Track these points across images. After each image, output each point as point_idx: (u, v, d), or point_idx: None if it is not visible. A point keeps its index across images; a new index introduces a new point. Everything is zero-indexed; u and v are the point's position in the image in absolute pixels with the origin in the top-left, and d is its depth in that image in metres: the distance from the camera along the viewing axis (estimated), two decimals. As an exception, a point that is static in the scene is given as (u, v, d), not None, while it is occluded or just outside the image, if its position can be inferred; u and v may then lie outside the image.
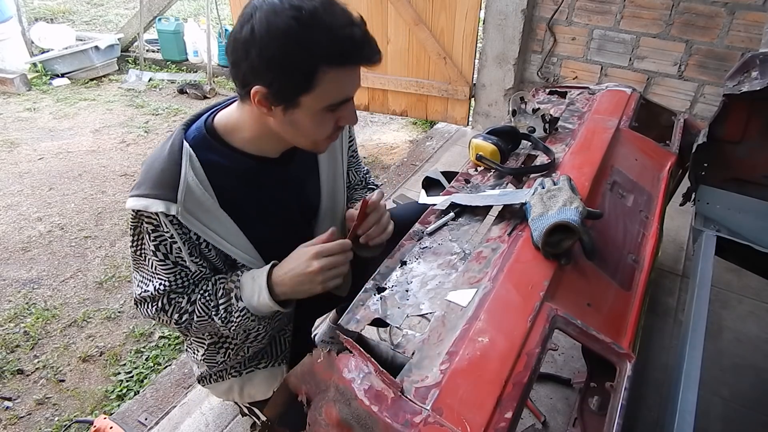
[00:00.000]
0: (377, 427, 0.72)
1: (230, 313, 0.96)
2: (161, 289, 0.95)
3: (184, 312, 0.98)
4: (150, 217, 0.89)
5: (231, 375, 1.15)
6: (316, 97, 0.83)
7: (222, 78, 4.55)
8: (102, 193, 2.88)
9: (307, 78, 0.80)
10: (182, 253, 0.93)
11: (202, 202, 0.91)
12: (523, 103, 1.48)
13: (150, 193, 0.87)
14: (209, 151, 0.93)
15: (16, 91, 4.15)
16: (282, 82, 0.81)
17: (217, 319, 0.97)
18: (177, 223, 0.89)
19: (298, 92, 0.82)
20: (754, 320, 1.88)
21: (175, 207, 0.87)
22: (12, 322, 2.02)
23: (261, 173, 0.99)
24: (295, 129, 0.89)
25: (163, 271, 0.95)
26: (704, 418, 1.53)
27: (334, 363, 0.82)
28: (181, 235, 0.91)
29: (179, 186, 0.87)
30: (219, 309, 0.97)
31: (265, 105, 0.84)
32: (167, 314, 0.98)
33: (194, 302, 0.98)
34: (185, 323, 0.99)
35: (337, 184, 1.16)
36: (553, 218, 0.95)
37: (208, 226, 0.92)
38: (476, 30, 3.01)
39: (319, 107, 0.85)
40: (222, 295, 0.97)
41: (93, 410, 1.69)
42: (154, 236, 0.91)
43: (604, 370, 0.87)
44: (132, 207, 0.89)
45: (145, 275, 0.97)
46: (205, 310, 0.97)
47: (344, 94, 0.86)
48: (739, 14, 2.38)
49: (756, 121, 1.45)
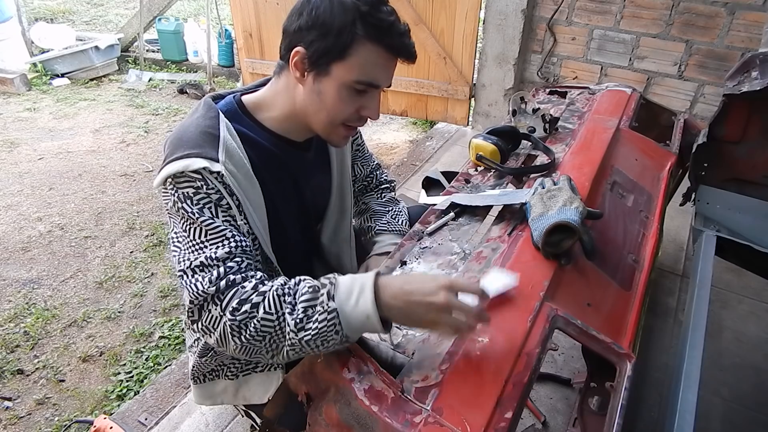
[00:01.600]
0: (377, 427, 0.72)
1: (311, 315, 0.75)
2: (218, 255, 0.79)
3: (246, 301, 0.76)
4: (189, 178, 0.81)
5: (227, 376, 1.15)
6: (347, 67, 0.85)
7: (222, 78, 4.55)
8: (102, 193, 2.88)
9: (343, 44, 0.84)
10: (231, 211, 0.84)
11: (241, 166, 0.89)
12: (523, 103, 1.48)
13: (191, 152, 0.82)
14: (240, 124, 0.94)
15: (16, 91, 4.15)
16: (320, 44, 0.84)
17: (291, 319, 0.75)
18: (221, 182, 0.84)
19: (332, 58, 0.85)
20: (754, 320, 1.88)
21: (218, 165, 0.83)
22: (12, 322, 2.02)
23: (286, 154, 1.00)
24: (320, 101, 0.90)
25: (214, 235, 0.80)
26: (704, 418, 1.53)
27: (334, 363, 0.82)
28: (229, 194, 0.85)
29: (219, 146, 0.86)
30: (297, 306, 0.76)
31: (300, 69, 0.87)
32: (222, 300, 0.77)
33: (263, 293, 0.77)
34: (243, 317, 0.76)
35: (345, 181, 1.17)
36: (553, 218, 0.95)
37: (245, 192, 0.88)
38: (476, 30, 3.01)
39: (348, 80, 0.86)
40: (306, 292, 0.77)
41: (93, 410, 1.69)
42: (197, 199, 0.81)
43: (604, 370, 0.87)
44: (169, 172, 0.80)
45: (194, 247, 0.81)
46: (278, 306, 0.76)
47: (373, 75, 0.88)
48: (739, 14, 2.38)
49: (756, 121, 1.45)
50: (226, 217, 0.84)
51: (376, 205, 1.32)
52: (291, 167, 1.03)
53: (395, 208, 1.31)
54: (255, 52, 3.69)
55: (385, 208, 1.30)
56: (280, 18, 3.45)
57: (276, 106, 0.96)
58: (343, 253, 1.23)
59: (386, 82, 0.91)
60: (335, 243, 1.20)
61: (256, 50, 3.68)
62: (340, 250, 1.22)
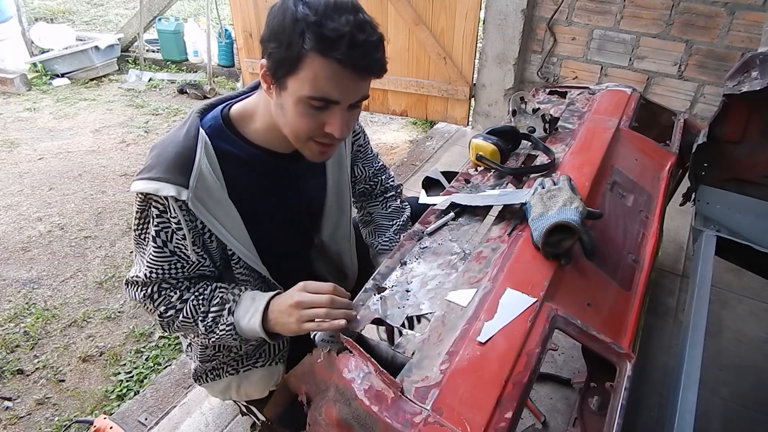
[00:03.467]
0: (377, 427, 0.73)
1: (217, 324, 0.95)
2: (152, 277, 0.94)
3: (171, 307, 0.96)
4: (158, 200, 0.88)
5: (228, 373, 1.15)
6: (299, 81, 0.81)
7: (222, 78, 4.55)
8: (102, 193, 2.89)
9: (293, 57, 0.80)
10: (185, 242, 0.92)
11: (213, 191, 0.90)
12: (523, 103, 1.48)
13: (162, 176, 0.86)
14: (224, 141, 0.94)
15: (16, 91, 4.15)
16: (274, 57, 0.82)
17: (202, 325, 0.95)
18: (185, 209, 0.88)
19: (286, 71, 0.82)
20: (754, 320, 1.88)
21: (186, 192, 0.86)
22: (12, 322, 2.02)
23: (272, 167, 1.00)
24: (283, 115, 0.88)
25: (157, 259, 0.93)
26: (704, 418, 1.53)
27: (334, 363, 0.82)
28: (187, 222, 0.90)
29: (192, 172, 0.87)
30: (208, 316, 0.95)
31: (266, 81, 0.87)
32: (153, 304, 0.97)
33: (185, 301, 0.96)
34: (169, 318, 0.97)
35: (342, 180, 1.16)
36: (553, 218, 0.95)
37: (215, 216, 0.92)
38: (476, 30, 3.01)
39: (301, 95, 0.82)
40: (216, 304, 0.95)
41: (93, 410, 1.69)
42: (157, 221, 0.90)
43: (604, 370, 0.87)
44: (141, 189, 0.87)
45: (142, 258, 0.96)
46: (194, 313, 0.95)
47: (326, 90, 0.82)
48: (739, 14, 2.38)
49: (756, 121, 1.45)
50: (177, 245, 0.93)
51: (380, 217, 1.32)
52: (278, 180, 1.02)
53: (399, 220, 1.30)
54: (255, 52, 3.69)
55: (389, 221, 1.30)
56: (280, 18, 3.46)
57: (258, 117, 0.96)
58: (343, 251, 1.23)
59: (346, 98, 0.84)
60: (335, 241, 1.20)
61: (256, 50, 3.67)
62: (340, 248, 1.22)
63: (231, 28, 4.27)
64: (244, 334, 0.94)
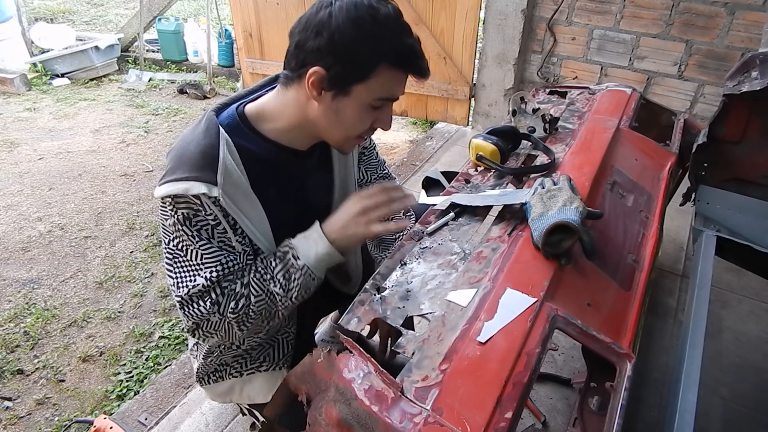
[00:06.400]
0: (377, 427, 0.72)
1: (289, 278, 0.93)
2: (213, 278, 0.89)
3: (240, 297, 0.91)
4: (189, 201, 0.86)
5: (231, 375, 1.15)
6: (368, 88, 0.87)
7: (222, 78, 4.55)
8: (102, 193, 2.89)
9: (366, 69, 0.86)
10: (227, 234, 0.91)
11: (239, 185, 0.91)
12: (523, 103, 1.48)
13: (190, 175, 0.85)
14: (241, 137, 0.94)
15: (16, 91, 4.15)
16: (342, 67, 0.85)
17: (278, 289, 0.93)
18: (218, 205, 0.88)
19: (353, 80, 0.86)
20: (754, 320, 1.88)
21: (216, 189, 0.86)
22: (12, 322, 2.02)
23: (288, 164, 1.01)
24: (337, 118, 0.91)
25: (210, 259, 0.90)
26: (704, 418, 1.53)
27: (334, 363, 0.82)
28: (223, 216, 0.90)
29: (218, 168, 0.87)
30: (276, 277, 0.93)
31: (317, 88, 0.87)
32: (221, 307, 0.91)
33: (248, 284, 0.92)
34: (243, 309, 0.91)
35: (349, 180, 1.16)
36: (553, 218, 0.95)
37: (243, 211, 0.92)
38: (476, 30, 3.01)
39: (367, 100, 0.89)
40: (276, 264, 0.93)
41: (93, 410, 1.69)
42: (195, 221, 0.88)
43: (604, 370, 0.87)
44: (169, 192, 0.85)
45: (189, 269, 0.91)
46: (262, 285, 0.92)
47: (392, 92, 0.91)
48: (739, 14, 2.38)
49: (756, 121, 1.45)
50: (222, 239, 0.91)
51: None
52: (293, 175, 1.03)
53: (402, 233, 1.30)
54: (255, 52, 3.69)
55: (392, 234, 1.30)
56: (280, 18, 3.46)
57: (282, 118, 0.95)
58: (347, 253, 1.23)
59: (401, 94, 0.95)
60: None
61: (256, 50, 3.68)
62: None
63: (231, 28, 4.27)
64: (318, 266, 0.95)
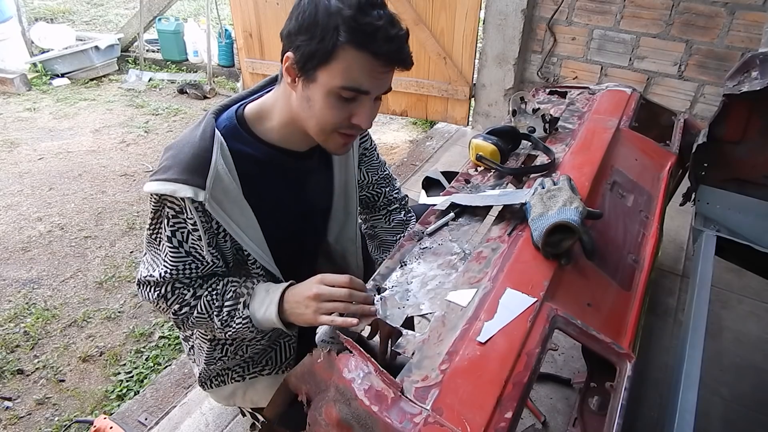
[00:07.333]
0: (377, 427, 0.72)
1: (232, 318, 0.95)
2: (167, 276, 0.94)
3: (185, 304, 0.96)
4: (174, 202, 0.88)
5: (234, 379, 1.15)
6: (331, 73, 0.83)
7: (222, 78, 4.55)
8: (102, 193, 2.89)
9: (326, 49, 0.81)
10: (200, 242, 0.92)
11: (229, 191, 0.91)
12: (523, 103, 1.48)
13: (179, 177, 0.86)
14: (238, 141, 0.94)
15: (16, 91, 4.15)
16: (306, 48, 0.83)
17: (218, 320, 0.96)
18: (201, 210, 0.89)
19: (317, 63, 0.83)
20: (754, 320, 1.88)
21: (203, 194, 0.86)
22: (12, 322, 2.02)
23: (286, 165, 1.01)
24: (309, 107, 0.89)
25: (172, 259, 0.93)
26: (704, 418, 1.53)
27: (334, 363, 0.82)
28: (203, 222, 0.90)
29: (209, 173, 0.87)
30: (222, 311, 0.95)
31: (291, 74, 0.87)
32: (167, 303, 0.97)
33: (199, 297, 0.96)
34: (183, 316, 0.97)
35: (349, 181, 1.16)
36: (553, 218, 0.95)
37: (231, 216, 0.92)
38: (476, 30, 3.01)
39: (333, 86, 0.84)
40: (230, 298, 0.96)
41: (93, 410, 1.69)
42: (173, 222, 0.90)
43: (604, 370, 0.87)
44: (157, 191, 0.87)
45: (155, 258, 0.96)
46: (208, 309, 0.96)
47: (359, 81, 0.84)
48: (739, 14, 2.38)
49: (756, 121, 1.45)
50: (193, 246, 0.93)
51: (383, 232, 1.32)
52: (292, 177, 1.03)
53: (402, 234, 1.30)
54: (255, 52, 3.69)
55: (392, 236, 1.31)
56: (280, 18, 3.46)
57: (275, 114, 0.96)
58: (348, 253, 1.23)
59: (376, 89, 0.87)
60: (340, 243, 1.20)
61: (256, 50, 3.68)
62: (345, 249, 1.22)
63: (231, 28, 4.27)
64: (260, 325, 0.95)
